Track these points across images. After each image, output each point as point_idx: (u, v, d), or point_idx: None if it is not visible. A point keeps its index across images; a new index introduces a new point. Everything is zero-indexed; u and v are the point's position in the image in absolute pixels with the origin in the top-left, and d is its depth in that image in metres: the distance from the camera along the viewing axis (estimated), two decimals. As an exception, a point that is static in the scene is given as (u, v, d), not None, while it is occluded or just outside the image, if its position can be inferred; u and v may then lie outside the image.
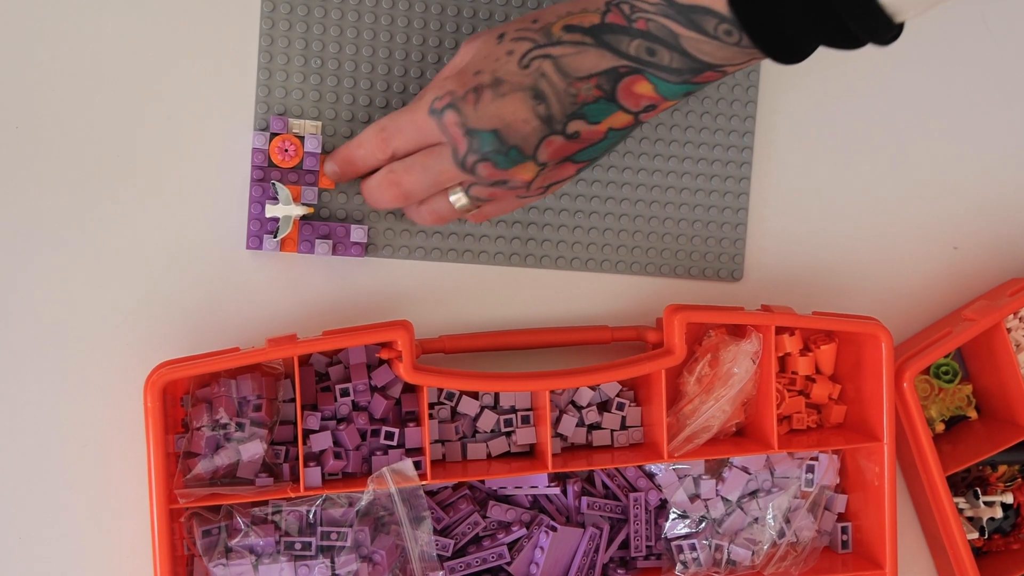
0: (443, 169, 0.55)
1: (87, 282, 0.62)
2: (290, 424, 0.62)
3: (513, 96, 0.51)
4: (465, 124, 0.52)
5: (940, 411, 0.71)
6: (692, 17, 0.49)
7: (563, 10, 0.53)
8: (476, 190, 0.56)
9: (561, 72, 0.51)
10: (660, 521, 0.66)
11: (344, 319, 0.64)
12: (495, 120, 0.52)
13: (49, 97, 0.61)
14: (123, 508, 0.62)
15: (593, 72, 0.51)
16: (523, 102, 0.51)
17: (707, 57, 0.50)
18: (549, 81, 0.51)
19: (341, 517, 0.61)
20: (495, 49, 0.53)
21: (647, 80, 0.52)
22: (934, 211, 0.72)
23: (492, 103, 0.52)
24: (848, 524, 0.68)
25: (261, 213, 0.62)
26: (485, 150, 0.52)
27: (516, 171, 0.53)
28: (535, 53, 0.52)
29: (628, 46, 0.51)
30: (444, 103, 0.53)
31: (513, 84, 0.52)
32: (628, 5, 0.51)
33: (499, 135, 0.52)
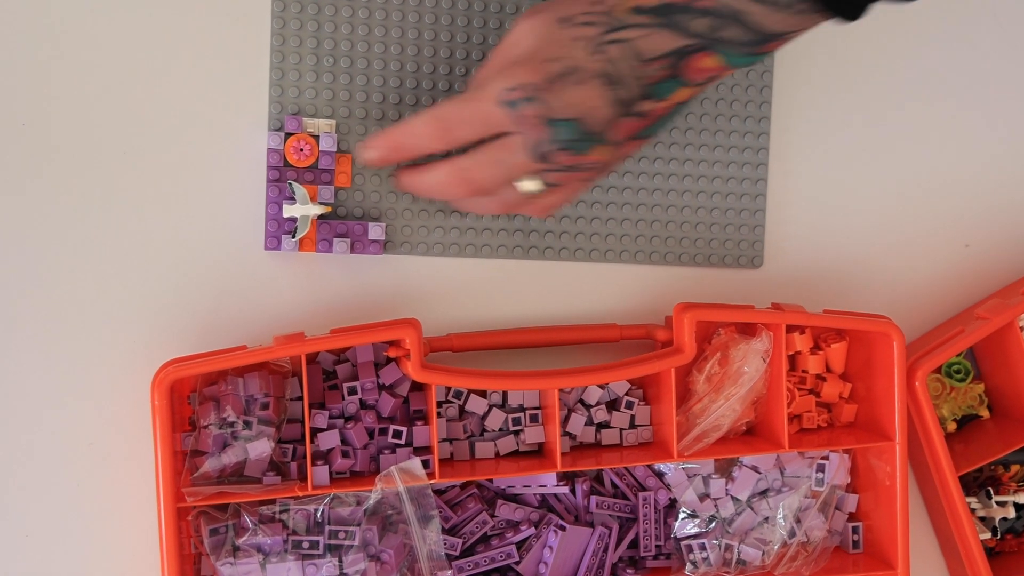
0: (518, 162, 0.54)
1: (97, 281, 0.62)
2: (297, 422, 0.62)
3: (590, 83, 0.51)
4: (546, 115, 0.52)
5: (952, 410, 0.71)
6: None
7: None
8: (548, 176, 0.55)
9: (632, 56, 0.51)
10: (669, 520, 0.66)
11: (357, 317, 0.64)
12: (574, 109, 0.52)
13: (61, 98, 0.61)
14: (130, 506, 0.62)
15: (663, 53, 0.51)
16: (599, 88, 0.51)
17: (774, 27, 0.50)
18: (621, 65, 0.51)
19: (349, 516, 0.60)
20: (561, 34, 0.52)
21: (714, 54, 0.52)
22: (946, 208, 0.71)
23: (570, 92, 0.51)
24: (859, 524, 0.68)
25: (278, 213, 0.62)
26: (565, 138, 0.52)
27: (593, 155, 0.53)
28: (606, 38, 0.51)
29: (695, 24, 0.51)
30: (520, 95, 0.52)
31: (588, 71, 0.51)
32: None
33: (580, 123, 0.52)
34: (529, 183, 0.55)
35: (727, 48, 0.51)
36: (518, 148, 0.53)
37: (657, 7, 0.51)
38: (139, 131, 0.62)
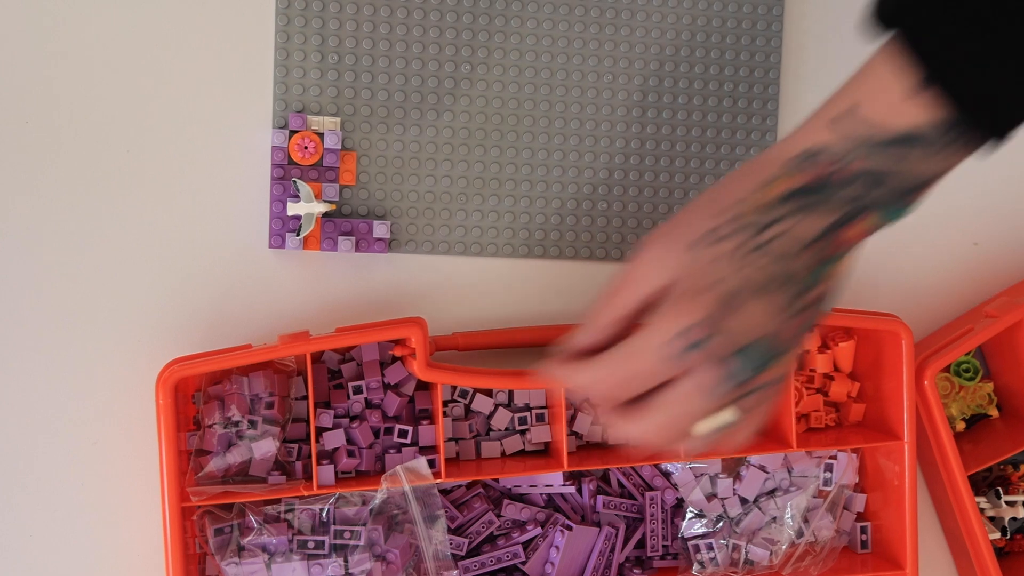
0: (700, 409, 0.46)
1: (101, 279, 0.62)
2: (302, 422, 0.61)
3: (756, 300, 0.45)
4: (717, 354, 0.45)
5: (961, 409, 0.70)
6: (903, 148, 0.44)
7: (747, 183, 0.47)
8: (745, 402, 0.47)
9: (785, 256, 0.46)
10: (676, 520, 0.66)
11: (362, 316, 0.64)
12: (752, 332, 0.45)
13: (65, 96, 0.61)
14: (135, 506, 0.62)
15: (816, 238, 0.46)
16: (766, 302, 0.45)
17: (927, 174, 0.46)
18: (779, 269, 0.46)
19: (354, 516, 0.60)
20: (699, 258, 0.46)
21: (871, 216, 0.47)
22: (954, 206, 0.71)
23: (739, 316, 0.45)
24: (867, 524, 0.67)
25: (283, 211, 0.62)
26: (754, 366, 0.45)
27: (778, 369, 0.47)
28: (750, 248, 0.45)
29: (838, 196, 0.46)
30: (687, 341, 0.45)
31: (748, 287, 0.45)
32: (825, 156, 0.45)
33: (764, 343, 0.46)
34: (722, 418, 0.47)
35: (882, 208, 0.46)
36: (698, 394, 0.46)
37: (789, 195, 0.46)
38: (143, 129, 0.62)
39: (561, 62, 0.65)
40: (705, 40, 0.67)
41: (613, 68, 0.66)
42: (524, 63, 0.65)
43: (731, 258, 0.46)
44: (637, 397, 0.48)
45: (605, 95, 0.66)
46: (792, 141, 0.47)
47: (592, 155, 0.66)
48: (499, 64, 0.64)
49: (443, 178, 0.64)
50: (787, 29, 0.68)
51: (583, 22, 0.65)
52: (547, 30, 0.65)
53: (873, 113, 0.44)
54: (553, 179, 0.65)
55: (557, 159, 0.65)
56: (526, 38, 0.65)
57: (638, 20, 0.66)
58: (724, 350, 0.45)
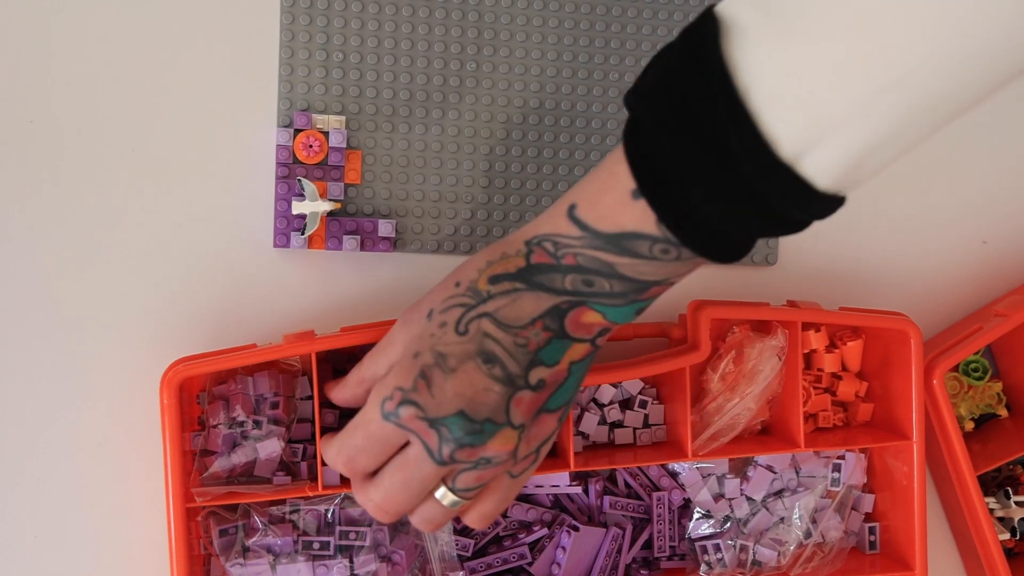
0: (424, 475, 0.49)
1: (105, 279, 0.61)
2: (308, 422, 0.61)
3: (464, 368, 0.47)
4: (426, 416, 0.47)
5: (970, 409, 0.70)
6: (623, 244, 0.45)
7: (482, 262, 0.49)
8: (463, 479, 0.49)
9: (502, 326, 0.47)
10: (684, 521, 0.65)
11: (367, 315, 0.63)
12: (456, 400, 0.47)
13: (69, 94, 0.60)
14: (139, 507, 0.61)
15: (535, 316, 0.47)
16: (476, 370, 0.47)
17: (649, 277, 0.46)
18: (494, 339, 0.47)
19: (360, 516, 0.60)
20: (426, 327, 0.49)
21: (592, 309, 0.48)
22: (963, 204, 0.70)
23: (446, 383, 0.47)
24: (876, 524, 0.67)
25: (287, 211, 0.61)
26: (457, 435, 0.47)
27: (495, 444, 0.48)
28: (469, 316, 0.47)
29: (563, 282, 0.47)
30: (395, 402, 0.48)
31: (459, 355, 0.47)
32: (550, 242, 0.47)
33: (466, 414, 0.47)
34: (441, 493, 0.50)
35: (603, 301, 0.47)
36: (419, 459, 0.48)
37: (518, 272, 0.48)
38: (147, 127, 0.61)
39: (567, 59, 0.65)
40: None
41: (620, 66, 0.65)
42: (530, 60, 0.64)
43: (452, 327, 0.48)
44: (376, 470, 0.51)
45: (612, 93, 0.65)
46: (534, 225, 0.48)
47: (599, 154, 0.65)
48: (505, 62, 0.64)
49: (449, 177, 0.64)
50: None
51: (589, 19, 0.65)
52: (552, 28, 0.64)
53: (598, 209, 0.45)
54: (560, 177, 0.65)
55: (564, 157, 0.65)
56: (532, 35, 0.64)
57: (644, 18, 0.65)
58: (424, 416, 0.47)
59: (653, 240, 0.44)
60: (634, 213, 0.44)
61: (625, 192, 0.44)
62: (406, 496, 0.50)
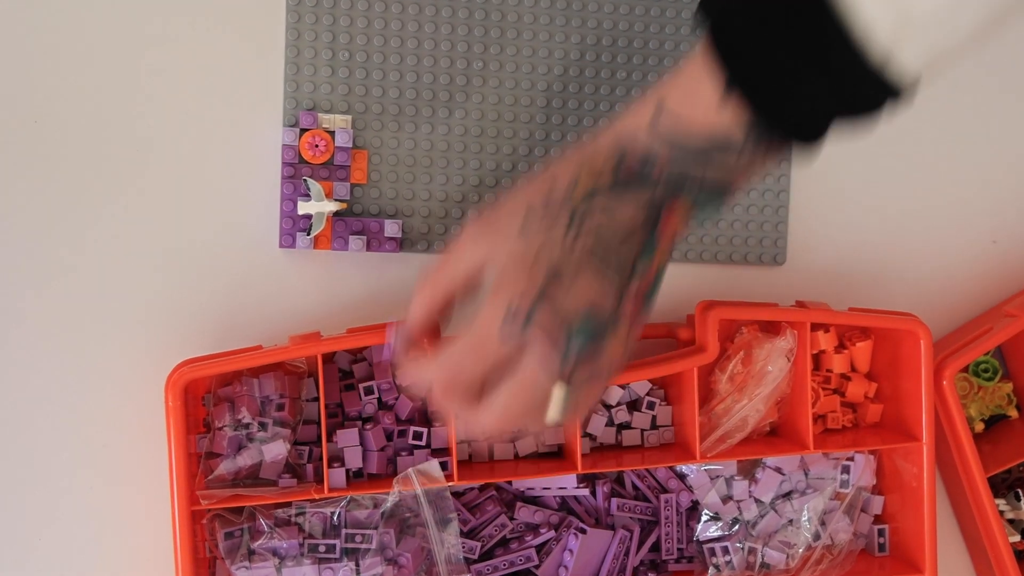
0: (543, 389, 0.48)
1: (110, 281, 0.61)
2: (314, 424, 0.61)
3: (581, 278, 0.47)
4: (553, 323, 0.47)
5: (980, 410, 0.69)
6: (710, 156, 0.46)
7: (572, 170, 0.49)
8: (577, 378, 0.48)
9: (608, 240, 0.48)
10: (692, 523, 0.65)
11: (373, 316, 0.63)
12: (580, 306, 0.47)
13: (73, 94, 0.60)
14: (144, 509, 0.61)
15: (635, 225, 0.48)
16: (592, 280, 0.47)
17: (734, 177, 0.48)
18: (602, 252, 0.48)
19: (366, 519, 0.59)
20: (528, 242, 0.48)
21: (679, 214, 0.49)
22: (972, 204, 0.70)
23: (568, 293, 0.47)
24: (885, 526, 0.66)
25: (293, 211, 0.61)
26: (583, 343, 0.47)
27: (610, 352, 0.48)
28: (573, 232, 0.48)
29: (654, 190, 0.48)
30: (523, 315, 0.46)
31: (573, 266, 0.47)
32: (639, 157, 0.48)
33: (588, 321, 0.47)
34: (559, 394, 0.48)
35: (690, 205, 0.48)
36: (538, 368, 0.47)
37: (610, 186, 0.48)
38: (152, 127, 0.61)
39: (575, 58, 0.64)
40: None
41: (627, 64, 0.65)
42: (537, 60, 0.64)
43: (555, 238, 0.47)
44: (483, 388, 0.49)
45: (619, 91, 0.65)
46: (613, 133, 0.48)
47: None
48: (512, 60, 0.64)
49: (455, 176, 0.64)
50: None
51: (596, 17, 0.64)
52: (560, 26, 0.64)
53: (683, 112, 0.45)
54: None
55: (569, 157, 0.65)
56: (539, 34, 0.64)
57: (652, 16, 0.65)
58: (555, 322, 0.46)
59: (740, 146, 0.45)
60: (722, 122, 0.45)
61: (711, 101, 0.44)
62: (521, 414, 0.48)
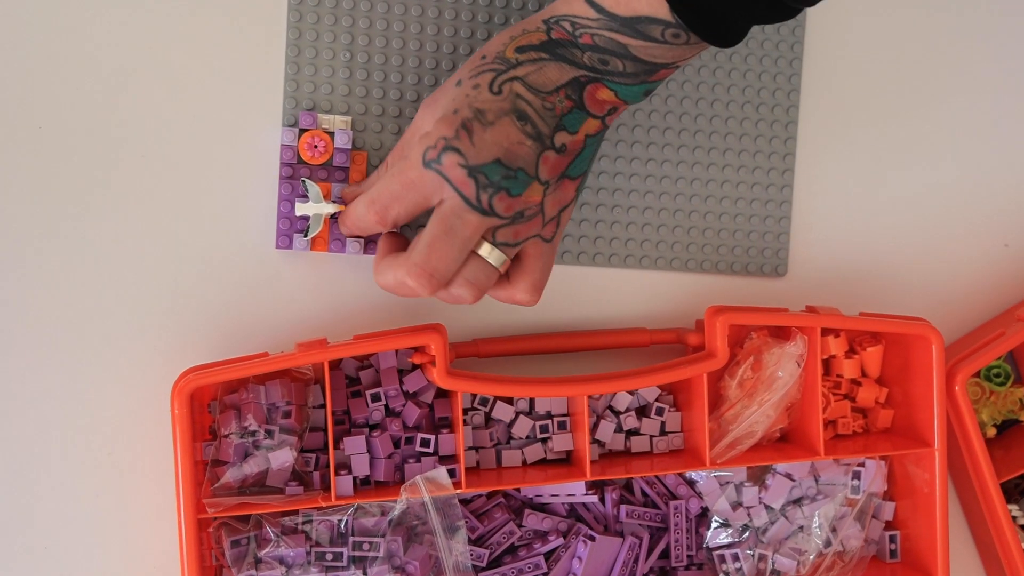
0: (465, 224, 0.52)
1: (112, 286, 0.61)
2: (320, 431, 0.60)
3: (500, 122, 0.52)
4: (467, 163, 0.51)
5: (992, 415, 0.69)
6: (637, 27, 0.51)
7: (506, 37, 0.54)
8: (501, 234, 0.53)
9: (532, 90, 0.52)
10: (701, 530, 0.64)
11: (375, 320, 0.63)
12: (494, 149, 0.51)
13: (72, 96, 0.60)
14: (150, 518, 0.61)
15: (559, 84, 0.53)
16: (511, 125, 0.52)
17: (658, 59, 0.52)
18: (525, 100, 0.52)
19: (373, 527, 0.59)
20: (460, 90, 0.53)
21: (606, 87, 0.53)
22: (984, 207, 0.69)
23: (485, 133, 0.51)
24: (896, 533, 0.66)
25: (291, 212, 0.61)
26: (495, 179, 0.51)
27: (527, 195, 0.52)
28: (502, 79, 0.52)
29: (581, 57, 0.53)
30: (438, 150, 0.51)
31: (495, 111, 0.52)
32: (568, 22, 0.52)
33: (502, 162, 0.51)
34: (486, 249, 0.53)
35: (616, 80, 0.53)
36: (459, 208, 0.52)
37: (541, 44, 0.53)
38: (153, 129, 0.60)
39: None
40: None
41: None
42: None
43: (486, 88, 0.52)
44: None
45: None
46: (551, 7, 0.54)
47: (609, 160, 0.65)
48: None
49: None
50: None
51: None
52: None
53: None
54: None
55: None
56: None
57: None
58: (465, 162, 0.51)
59: (665, 24, 0.50)
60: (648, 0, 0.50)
61: None
62: (448, 248, 0.52)
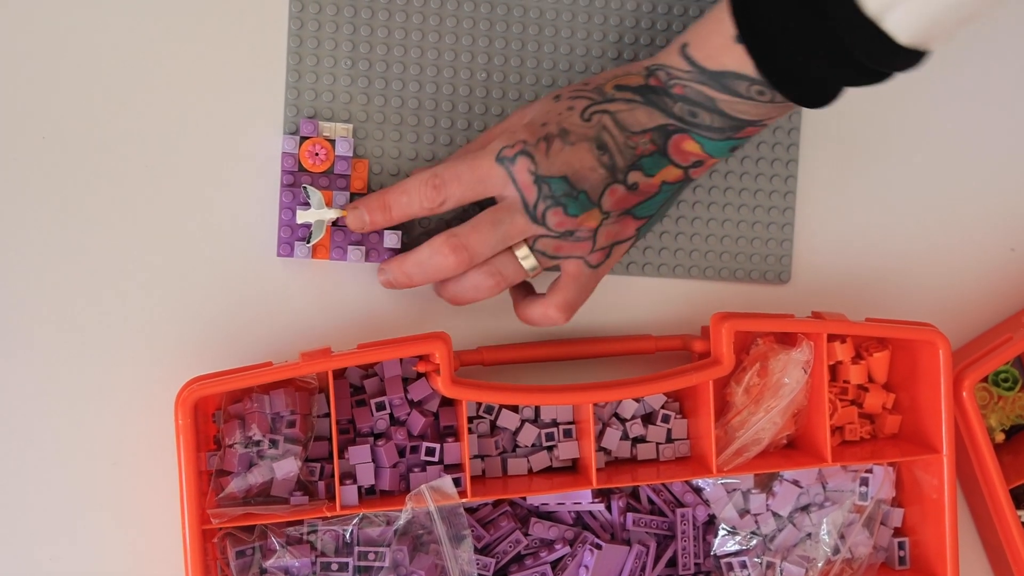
0: (513, 222, 0.55)
1: (115, 296, 0.60)
2: (325, 440, 0.60)
3: (580, 145, 0.54)
4: (536, 171, 0.54)
5: (1000, 420, 0.68)
6: (724, 82, 0.53)
7: (610, 74, 0.57)
8: (543, 243, 0.55)
9: (619, 126, 0.54)
10: (709, 537, 0.64)
11: (378, 328, 0.62)
12: (565, 167, 0.54)
13: (75, 107, 0.60)
14: (154, 529, 0.60)
15: (646, 128, 0.55)
16: (589, 151, 0.54)
17: (745, 115, 0.54)
18: (610, 133, 0.54)
19: (379, 536, 0.59)
20: (555, 106, 0.56)
21: (692, 139, 0.55)
22: (989, 211, 0.69)
23: (562, 151, 0.54)
24: (905, 539, 0.65)
25: (292, 219, 0.60)
26: (556, 194, 0.54)
27: (583, 218, 0.54)
28: (594, 108, 0.55)
29: (672, 107, 0.54)
30: (516, 150, 0.54)
31: (579, 134, 0.54)
32: (664, 72, 0.55)
33: (569, 180, 0.54)
34: (522, 251, 0.55)
35: (703, 133, 0.55)
36: (513, 208, 0.54)
37: (638, 87, 0.55)
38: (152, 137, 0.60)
39: (580, 69, 0.63)
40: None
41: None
42: (541, 71, 0.63)
43: (577, 112, 0.55)
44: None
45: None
46: (654, 57, 0.56)
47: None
48: (515, 71, 0.63)
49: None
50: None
51: (603, 29, 0.64)
52: (565, 37, 0.63)
53: (705, 49, 0.53)
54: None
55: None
56: (544, 45, 0.63)
57: (658, 29, 0.64)
58: (536, 170, 0.54)
59: (751, 81, 0.52)
60: (735, 56, 0.52)
61: (729, 36, 0.52)
62: (488, 235, 0.55)
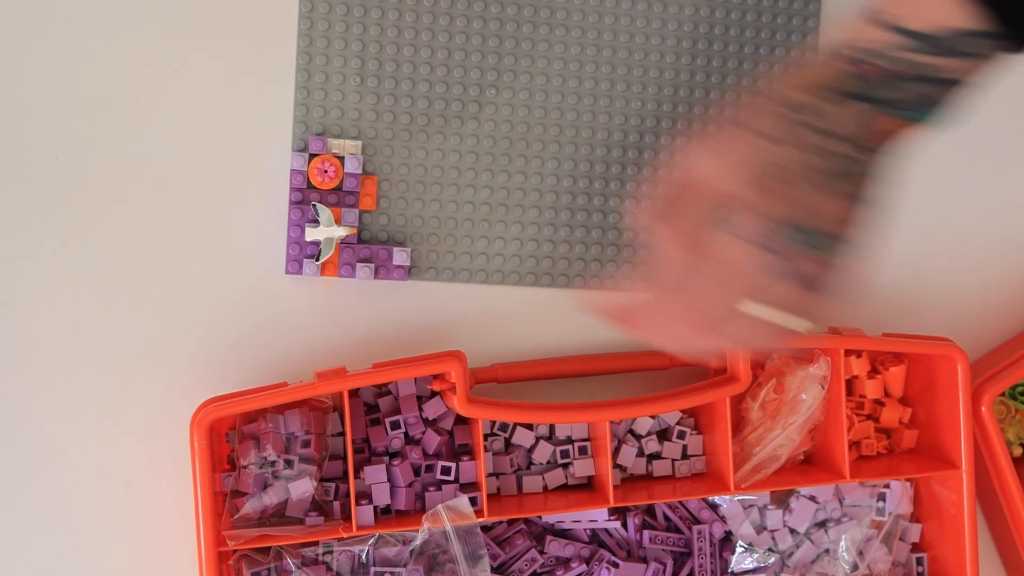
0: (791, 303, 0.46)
1: (126, 316, 0.60)
2: (339, 460, 0.59)
3: (827, 188, 0.46)
4: (802, 242, 0.45)
5: (1018, 434, 0.68)
6: (940, 43, 0.46)
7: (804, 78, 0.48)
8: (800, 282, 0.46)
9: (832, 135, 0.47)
10: (725, 554, 0.63)
11: (390, 346, 0.62)
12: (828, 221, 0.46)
13: (85, 126, 0.59)
14: (169, 550, 0.60)
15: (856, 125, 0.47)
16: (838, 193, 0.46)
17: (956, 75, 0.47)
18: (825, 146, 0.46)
19: (395, 557, 0.58)
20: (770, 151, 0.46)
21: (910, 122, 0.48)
22: (1006, 222, 0.69)
23: (816, 201, 0.46)
24: (924, 555, 0.65)
25: (300, 236, 0.60)
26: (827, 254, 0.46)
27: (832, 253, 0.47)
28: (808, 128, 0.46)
29: (890, 93, 0.47)
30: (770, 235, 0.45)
31: (822, 173, 0.46)
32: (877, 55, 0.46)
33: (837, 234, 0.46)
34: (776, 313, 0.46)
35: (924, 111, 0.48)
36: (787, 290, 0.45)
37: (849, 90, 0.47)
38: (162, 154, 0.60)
39: (589, 86, 0.63)
40: (735, 61, 0.65)
41: (644, 77, 0.64)
42: (550, 87, 0.63)
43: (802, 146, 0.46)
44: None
45: (633, 120, 0.64)
46: (842, 40, 0.47)
47: (619, 183, 0.64)
48: (525, 88, 0.63)
49: (465, 204, 0.63)
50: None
51: (612, 46, 0.63)
52: (575, 55, 0.63)
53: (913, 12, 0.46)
54: (579, 206, 0.63)
55: (583, 186, 0.63)
56: (553, 62, 0.63)
57: (653, 44, 0.64)
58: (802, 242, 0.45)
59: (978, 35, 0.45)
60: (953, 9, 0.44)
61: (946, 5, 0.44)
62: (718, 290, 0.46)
